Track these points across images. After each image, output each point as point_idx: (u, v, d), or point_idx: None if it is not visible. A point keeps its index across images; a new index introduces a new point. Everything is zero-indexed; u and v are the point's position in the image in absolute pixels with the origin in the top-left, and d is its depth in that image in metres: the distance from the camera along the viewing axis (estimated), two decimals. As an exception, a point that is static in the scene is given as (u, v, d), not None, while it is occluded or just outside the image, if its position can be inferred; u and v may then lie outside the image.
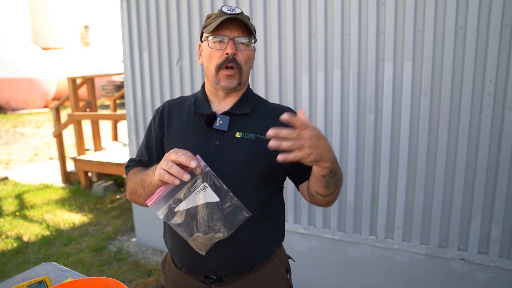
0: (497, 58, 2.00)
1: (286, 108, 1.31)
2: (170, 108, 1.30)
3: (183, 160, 0.98)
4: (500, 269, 2.18)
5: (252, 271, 1.23)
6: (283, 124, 1.23)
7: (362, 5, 2.26)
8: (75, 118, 5.36)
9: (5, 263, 3.35)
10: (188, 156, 0.99)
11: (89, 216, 4.37)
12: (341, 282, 2.64)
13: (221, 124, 1.19)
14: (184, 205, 1.04)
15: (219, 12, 1.18)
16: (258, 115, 1.25)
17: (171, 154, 1.01)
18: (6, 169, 6.70)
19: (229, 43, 1.16)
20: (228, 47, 1.16)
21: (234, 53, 1.16)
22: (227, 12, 1.15)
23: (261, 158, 1.17)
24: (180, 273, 1.28)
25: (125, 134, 7.16)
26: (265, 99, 1.36)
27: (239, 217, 1.05)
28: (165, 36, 2.98)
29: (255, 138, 1.19)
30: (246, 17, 1.20)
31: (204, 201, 1.03)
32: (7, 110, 13.41)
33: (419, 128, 2.24)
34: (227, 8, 1.17)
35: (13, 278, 1.37)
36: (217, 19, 1.15)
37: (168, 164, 1.00)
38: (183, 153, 1.01)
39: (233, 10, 1.17)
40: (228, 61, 1.16)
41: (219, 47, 1.17)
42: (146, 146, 1.32)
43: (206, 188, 1.02)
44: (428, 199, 2.30)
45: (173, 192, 1.03)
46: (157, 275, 3.05)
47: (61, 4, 19.55)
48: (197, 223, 1.05)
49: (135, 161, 1.34)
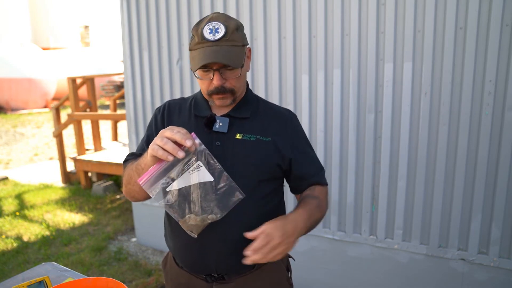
0: (497, 58, 2.00)
1: (285, 110, 1.32)
2: (171, 108, 1.30)
3: (179, 138, 0.97)
4: (500, 269, 2.18)
5: (253, 269, 1.24)
6: (282, 126, 1.24)
7: (362, 5, 2.26)
8: (75, 118, 5.36)
9: (5, 263, 3.35)
10: (183, 134, 0.98)
11: (89, 216, 4.37)
12: (341, 282, 2.64)
13: (221, 126, 1.19)
14: (176, 185, 1.00)
15: (200, 37, 1.10)
16: (258, 116, 1.25)
17: (166, 131, 1.00)
18: (6, 169, 6.70)
19: (215, 75, 1.12)
20: (214, 78, 1.13)
21: (220, 84, 1.14)
22: (208, 39, 1.09)
23: (262, 158, 1.18)
24: (181, 272, 1.28)
25: (125, 134, 7.16)
26: (265, 99, 1.37)
27: (233, 199, 1.02)
28: (165, 36, 2.98)
29: (256, 139, 1.20)
30: (233, 28, 1.12)
31: (197, 181, 1.00)
32: (7, 110, 13.41)
33: (419, 128, 2.24)
34: (209, 30, 1.09)
35: (13, 278, 1.37)
36: (199, 50, 1.10)
37: (163, 140, 0.98)
38: (178, 130, 0.99)
39: (215, 32, 1.09)
40: (218, 91, 1.15)
41: (206, 77, 1.15)
42: (147, 141, 1.30)
43: (200, 167, 0.99)
44: (428, 199, 2.30)
45: (166, 170, 0.99)
46: (157, 275, 3.05)
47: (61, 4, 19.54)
48: (189, 203, 1.02)
49: (135, 155, 1.31)
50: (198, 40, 1.11)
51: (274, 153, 1.20)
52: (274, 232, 1.01)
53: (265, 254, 0.99)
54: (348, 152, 2.45)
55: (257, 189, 1.19)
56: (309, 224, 1.13)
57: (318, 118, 2.50)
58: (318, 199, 1.21)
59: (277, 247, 1.00)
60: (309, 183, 1.27)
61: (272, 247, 1.00)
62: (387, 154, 2.35)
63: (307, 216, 1.12)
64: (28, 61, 13.57)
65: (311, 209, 1.16)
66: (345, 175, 2.49)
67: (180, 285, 1.30)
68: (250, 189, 1.17)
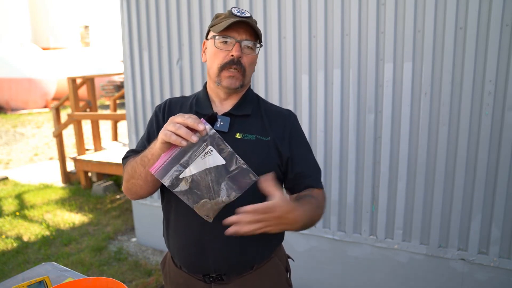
0: (497, 58, 2.00)
1: (285, 110, 1.32)
2: (172, 105, 1.30)
3: (191, 122, 0.96)
4: (500, 269, 2.18)
5: (252, 270, 1.24)
6: (281, 126, 1.24)
7: (362, 5, 2.26)
8: (75, 118, 5.36)
9: (5, 263, 3.35)
10: (194, 119, 0.97)
11: (89, 216, 4.37)
12: (341, 282, 2.64)
13: (222, 125, 1.19)
14: (189, 171, 0.99)
15: (228, 13, 1.18)
16: (259, 115, 1.25)
17: (177, 117, 0.99)
18: (6, 169, 6.70)
19: (236, 45, 1.16)
20: (234, 49, 1.16)
21: (239, 56, 1.16)
22: (237, 14, 1.16)
23: (262, 158, 1.18)
24: (180, 272, 1.28)
25: (125, 134, 7.16)
26: (265, 99, 1.37)
27: (246, 180, 1.01)
28: (165, 36, 2.98)
29: (255, 138, 1.20)
30: (255, 21, 1.21)
31: (210, 165, 0.99)
32: (7, 110, 13.41)
33: (419, 128, 2.24)
34: (237, 10, 1.17)
35: (13, 278, 1.37)
36: (226, 20, 1.16)
37: (175, 125, 0.97)
38: (189, 115, 0.98)
39: (242, 13, 1.17)
40: (233, 62, 1.17)
41: (225, 48, 1.17)
42: (147, 138, 1.29)
43: (212, 151, 0.99)
44: (428, 199, 2.30)
45: (178, 157, 0.98)
46: (157, 275, 3.05)
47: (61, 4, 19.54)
48: (203, 188, 1.01)
49: (136, 152, 1.30)
50: (224, 16, 1.18)
51: (274, 153, 1.20)
52: (282, 207, 0.95)
53: (254, 221, 0.94)
54: (348, 152, 2.45)
55: (257, 189, 1.19)
56: (307, 223, 1.11)
57: (318, 118, 2.50)
58: (318, 200, 1.21)
59: (269, 220, 0.96)
60: (306, 185, 1.25)
61: (267, 218, 0.95)
62: (387, 154, 2.35)
63: (309, 215, 1.09)
64: (28, 61, 13.57)
65: (311, 209, 1.14)
66: (345, 175, 2.49)
67: (179, 285, 1.29)
68: (249, 189, 1.17)
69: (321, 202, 1.22)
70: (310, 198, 1.18)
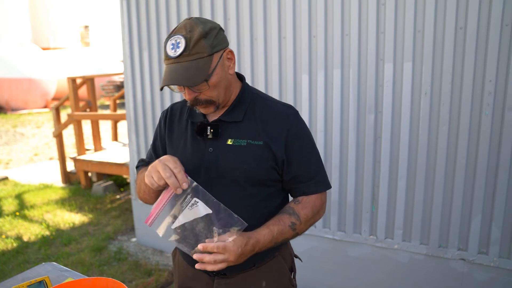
0: (497, 58, 2.00)
1: (285, 108, 1.25)
2: (173, 113, 1.33)
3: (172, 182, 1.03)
4: (500, 269, 2.18)
5: (254, 267, 1.26)
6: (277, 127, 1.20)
7: (362, 5, 2.26)
8: (75, 118, 5.36)
9: (5, 263, 3.35)
10: (182, 176, 1.04)
11: (89, 216, 4.37)
12: (341, 282, 2.64)
13: (212, 133, 1.19)
14: (179, 221, 1.07)
15: (164, 53, 1.10)
16: (252, 118, 1.21)
17: (170, 162, 1.05)
18: (6, 169, 6.70)
19: (186, 90, 1.11)
20: (185, 94, 1.13)
21: (192, 98, 1.13)
22: (170, 56, 1.07)
23: (254, 163, 1.17)
24: (187, 265, 1.32)
25: (125, 134, 7.16)
26: (265, 95, 1.30)
27: (235, 227, 1.07)
28: (165, 36, 2.98)
29: (246, 144, 1.18)
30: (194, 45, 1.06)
31: (198, 215, 1.06)
32: (7, 110, 13.41)
33: (419, 128, 2.24)
34: (171, 46, 1.07)
35: (13, 278, 1.37)
36: (166, 67, 1.09)
37: (160, 179, 1.05)
38: (179, 170, 1.05)
39: (176, 47, 1.06)
40: (194, 103, 1.15)
41: (181, 90, 1.14)
42: (154, 149, 1.37)
43: (198, 202, 1.06)
44: (428, 199, 2.30)
45: (168, 209, 1.06)
46: (157, 275, 3.05)
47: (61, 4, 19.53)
48: (196, 236, 1.08)
49: (145, 162, 1.37)
50: (164, 55, 1.11)
51: (268, 157, 1.18)
52: (233, 251, 1.04)
53: (212, 263, 1.04)
54: (348, 152, 2.45)
55: (253, 193, 1.19)
56: (272, 244, 1.15)
57: (318, 118, 2.50)
58: (296, 215, 1.18)
59: (227, 263, 1.05)
60: (301, 191, 1.22)
61: (223, 261, 1.04)
62: (387, 154, 2.35)
63: (270, 238, 1.13)
64: (28, 61, 13.56)
65: (279, 230, 1.15)
66: (345, 175, 2.49)
67: (186, 277, 1.34)
68: (245, 194, 1.18)
69: (305, 215, 1.20)
70: (285, 216, 1.18)
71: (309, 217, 1.21)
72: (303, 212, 1.20)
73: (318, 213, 1.24)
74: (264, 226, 1.14)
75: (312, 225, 1.24)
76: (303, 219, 1.19)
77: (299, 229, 1.19)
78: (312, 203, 1.22)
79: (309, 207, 1.21)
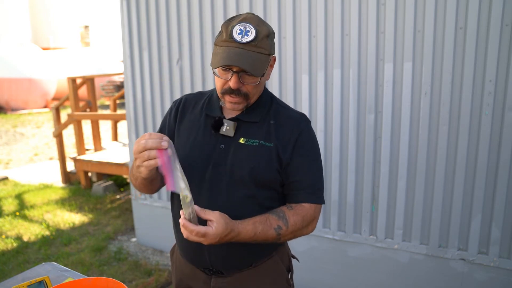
0: (497, 58, 2.00)
1: (297, 115, 1.27)
2: (187, 103, 1.31)
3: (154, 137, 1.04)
4: (500, 269, 2.18)
5: (251, 267, 1.26)
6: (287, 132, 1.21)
7: (362, 5, 2.26)
8: (75, 118, 5.36)
9: (5, 263, 3.35)
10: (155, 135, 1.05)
11: (89, 216, 4.37)
12: (341, 282, 2.64)
13: (227, 130, 1.19)
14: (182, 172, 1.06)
15: (229, 35, 1.07)
16: (266, 121, 1.22)
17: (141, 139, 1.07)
18: (6, 169, 6.70)
19: (233, 77, 1.09)
20: (231, 81, 1.10)
21: (237, 88, 1.11)
22: (236, 40, 1.06)
23: (261, 163, 1.18)
24: (185, 263, 1.32)
25: (125, 134, 7.16)
26: (281, 102, 1.30)
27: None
28: (165, 36, 2.98)
29: (258, 144, 1.19)
30: (261, 40, 1.08)
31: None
32: (7, 110, 13.41)
33: (419, 128, 2.24)
34: (239, 31, 1.06)
35: (13, 278, 1.37)
36: (225, 47, 1.08)
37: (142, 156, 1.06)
38: (149, 134, 1.06)
39: (245, 34, 1.06)
40: (231, 92, 1.12)
41: (224, 76, 1.12)
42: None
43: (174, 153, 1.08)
44: (428, 199, 2.30)
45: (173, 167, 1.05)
46: (157, 275, 3.05)
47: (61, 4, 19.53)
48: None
49: None
50: (225, 37, 1.08)
51: (275, 159, 1.19)
52: (212, 239, 1.03)
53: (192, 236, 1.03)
54: (348, 152, 2.45)
55: (255, 194, 1.20)
56: (251, 241, 1.12)
57: (318, 118, 2.50)
58: (284, 220, 1.15)
59: (204, 241, 1.04)
60: (297, 199, 1.21)
61: (197, 241, 1.04)
62: (387, 154, 2.35)
63: (252, 235, 1.11)
64: (28, 61, 13.56)
65: (263, 230, 1.11)
66: (345, 175, 2.49)
67: (184, 275, 1.34)
68: (248, 193, 1.19)
69: (295, 223, 1.16)
70: (273, 218, 1.15)
71: (298, 227, 1.17)
72: (293, 219, 1.16)
73: (307, 226, 1.20)
74: (250, 221, 1.11)
75: (297, 237, 1.20)
76: (291, 226, 1.16)
77: (283, 235, 1.15)
78: (304, 213, 1.19)
79: (300, 215, 1.18)
